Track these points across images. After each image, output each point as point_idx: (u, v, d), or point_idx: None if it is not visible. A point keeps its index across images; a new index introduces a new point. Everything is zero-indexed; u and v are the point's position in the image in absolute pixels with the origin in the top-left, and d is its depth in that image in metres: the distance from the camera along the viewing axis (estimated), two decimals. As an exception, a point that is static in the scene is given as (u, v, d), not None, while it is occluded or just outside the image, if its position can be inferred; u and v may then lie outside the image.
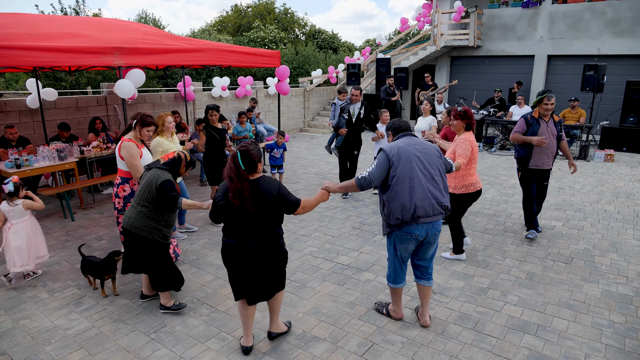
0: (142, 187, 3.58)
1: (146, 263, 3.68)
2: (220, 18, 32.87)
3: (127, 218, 3.62)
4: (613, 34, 12.50)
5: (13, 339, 3.44)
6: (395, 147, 3.32)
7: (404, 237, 3.32)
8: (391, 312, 3.72)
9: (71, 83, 16.42)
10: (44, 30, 5.81)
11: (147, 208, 3.56)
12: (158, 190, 3.49)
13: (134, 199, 3.68)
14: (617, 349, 3.31)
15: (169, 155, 3.73)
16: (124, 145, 4.22)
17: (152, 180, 3.52)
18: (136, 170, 4.20)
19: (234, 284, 3.14)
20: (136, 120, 4.29)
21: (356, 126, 7.11)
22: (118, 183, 4.36)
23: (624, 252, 5.03)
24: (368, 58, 16.53)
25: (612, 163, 9.72)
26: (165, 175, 3.56)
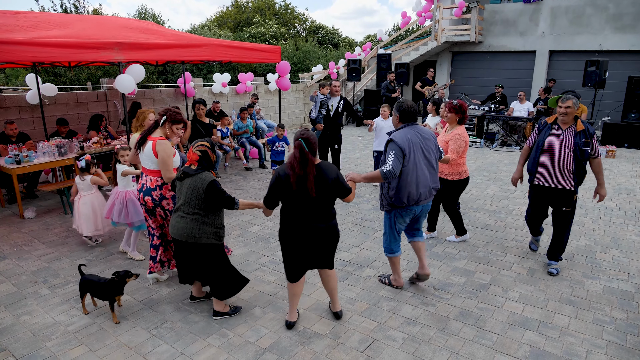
0: (188, 195, 3.36)
1: (207, 271, 3.50)
2: (220, 13, 32.77)
3: (178, 229, 3.41)
4: (615, 30, 12.44)
5: (14, 334, 3.43)
6: (407, 140, 3.60)
7: (404, 214, 3.83)
8: (393, 282, 4.16)
9: (71, 79, 16.39)
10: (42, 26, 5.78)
11: (200, 214, 3.37)
12: (208, 193, 3.31)
13: (178, 209, 3.45)
14: (619, 346, 3.30)
15: (193, 157, 3.41)
16: (160, 143, 3.83)
17: (197, 185, 3.33)
18: (168, 169, 3.84)
19: (294, 265, 3.36)
20: (166, 117, 3.93)
21: (334, 120, 7.07)
22: (160, 184, 3.95)
23: (626, 249, 5.02)
24: (369, 54, 16.47)
25: (613, 159, 9.69)
26: (208, 176, 3.38)
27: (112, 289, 3.58)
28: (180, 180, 3.45)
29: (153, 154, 3.87)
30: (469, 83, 14.92)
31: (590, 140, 4.05)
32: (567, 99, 4.05)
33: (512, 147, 10.88)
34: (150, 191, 3.95)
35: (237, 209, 3.46)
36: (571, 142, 4.04)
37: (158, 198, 3.95)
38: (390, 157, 3.53)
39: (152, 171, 3.97)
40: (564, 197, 4.19)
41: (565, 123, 4.12)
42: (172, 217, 3.51)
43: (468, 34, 14.22)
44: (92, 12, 19.93)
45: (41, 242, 5.23)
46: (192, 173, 3.38)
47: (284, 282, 4.24)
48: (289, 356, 3.18)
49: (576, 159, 4.04)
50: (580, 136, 4.04)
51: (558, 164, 4.11)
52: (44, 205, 6.69)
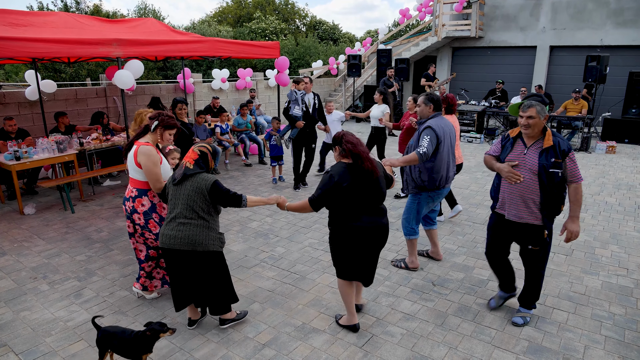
0: (190, 199, 3.11)
1: (209, 284, 3.25)
2: (220, 9, 32.66)
3: (178, 238, 3.10)
4: (616, 25, 12.38)
5: (13, 330, 3.45)
6: (441, 127, 4.02)
7: (435, 197, 4.23)
8: (409, 264, 4.42)
9: (71, 75, 16.37)
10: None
11: (204, 219, 3.14)
12: (213, 193, 3.11)
13: (177, 215, 3.14)
14: (617, 341, 3.31)
15: (192, 156, 3.20)
16: (142, 151, 3.48)
17: (200, 187, 3.10)
18: (156, 179, 3.49)
19: (357, 266, 3.23)
20: (158, 122, 3.56)
21: (312, 118, 6.91)
22: (133, 196, 3.60)
23: (625, 244, 5.02)
24: (369, 49, 16.43)
25: (613, 155, 9.68)
26: (209, 176, 3.17)
27: (140, 346, 2.85)
28: (177, 184, 3.17)
29: (134, 161, 3.52)
30: (469, 78, 14.87)
31: (562, 160, 3.07)
32: (529, 106, 3.09)
33: (512, 143, 10.86)
34: (125, 200, 3.66)
35: (245, 206, 3.23)
36: (534, 163, 3.11)
37: (130, 210, 3.62)
38: (425, 140, 3.93)
39: (131, 179, 3.65)
40: (530, 233, 3.27)
41: (531, 137, 3.16)
42: (167, 228, 3.16)
43: (469, 29, 14.17)
44: (92, 8, 19.87)
45: (41, 238, 5.24)
46: (189, 174, 3.13)
47: (283, 278, 4.26)
48: (287, 351, 3.20)
49: (542, 185, 3.09)
50: (548, 155, 3.07)
51: (518, 193, 3.20)
52: (44, 201, 6.70)
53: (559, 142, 3.11)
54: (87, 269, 4.48)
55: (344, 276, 3.29)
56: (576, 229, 3.20)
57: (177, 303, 3.33)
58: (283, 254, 4.83)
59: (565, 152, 3.08)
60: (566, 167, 3.09)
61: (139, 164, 3.50)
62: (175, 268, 3.22)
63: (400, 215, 5.89)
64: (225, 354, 3.17)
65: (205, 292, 3.28)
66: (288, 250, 4.91)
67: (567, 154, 3.08)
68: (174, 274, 3.25)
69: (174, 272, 3.25)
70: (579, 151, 9.97)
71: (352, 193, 3.06)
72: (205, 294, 3.29)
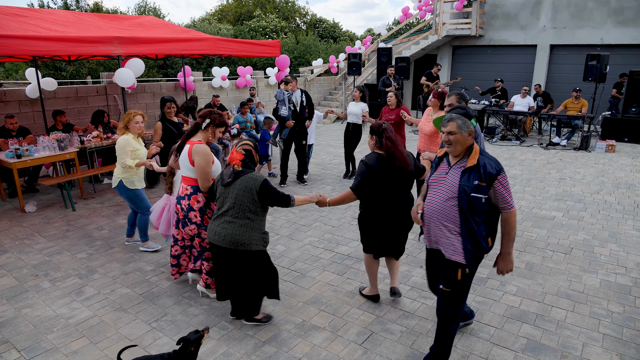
0: (238, 198, 3.15)
1: (250, 282, 3.30)
2: (220, 7, 32.62)
3: (224, 236, 3.16)
4: (617, 24, 12.38)
5: (15, 327, 3.47)
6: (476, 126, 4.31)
7: None
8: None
9: (72, 73, 16.37)
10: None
11: (249, 219, 3.17)
12: (262, 192, 3.16)
13: (224, 213, 3.20)
14: (615, 339, 3.33)
15: (237, 157, 3.23)
16: (196, 149, 3.53)
17: (249, 186, 3.14)
18: (206, 178, 3.55)
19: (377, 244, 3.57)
20: (210, 120, 3.64)
21: (301, 115, 7.06)
22: (189, 193, 3.65)
23: (624, 243, 5.04)
24: (369, 47, 16.42)
25: (613, 154, 9.70)
26: (258, 175, 3.21)
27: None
28: (227, 185, 3.21)
29: (188, 160, 3.57)
30: (469, 77, 14.86)
31: (487, 184, 2.59)
32: (449, 120, 2.67)
33: (512, 142, 10.88)
34: (181, 199, 3.72)
35: (292, 206, 3.30)
36: (454, 184, 2.65)
37: (186, 208, 3.68)
38: None
39: (185, 178, 3.70)
40: (445, 269, 2.78)
41: (455, 156, 2.73)
42: (214, 224, 3.24)
43: (469, 27, 14.16)
44: (92, 5, 19.85)
45: (42, 236, 5.26)
46: (240, 174, 3.18)
47: (284, 276, 4.28)
48: (287, 348, 3.22)
49: (462, 211, 2.62)
50: (471, 176, 2.60)
51: (437, 219, 2.73)
52: (45, 199, 6.71)
53: (486, 163, 2.61)
54: (88, 266, 4.50)
55: (369, 251, 3.64)
56: (507, 267, 2.80)
57: (220, 293, 3.48)
58: (283, 251, 4.85)
59: (492, 175, 2.58)
60: (495, 192, 2.61)
61: (192, 162, 3.55)
62: (219, 262, 3.34)
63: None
64: (225, 351, 3.19)
65: (244, 288, 3.34)
66: (288, 248, 4.93)
67: (494, 177, 2.58)
68: (218, 268, 3.38)
69: (218, 265, 3.37)
70: (579, 150, 9.99)
71: (383, 182, 3.34)
72: (244, 290, 3.35)
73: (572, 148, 10.16)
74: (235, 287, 3.37)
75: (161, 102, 5.48)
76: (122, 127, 4.54)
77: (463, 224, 2.64)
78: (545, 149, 10.20)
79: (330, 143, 11.02)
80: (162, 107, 5.46)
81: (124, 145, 4.46)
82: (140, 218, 4.77)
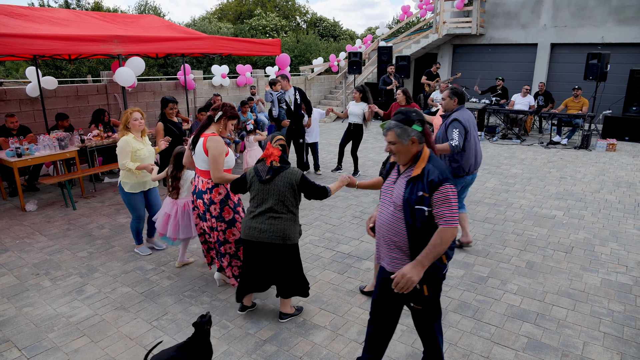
0: (281, 194, 3.19)
1: (288, 272, 3.36)
2: (220, 6, 32.59)
3: (268, 232, 3.19)
4: (618, 22, 12.36)
5: (16, 326, 3.47)
6: (467, 119, 4.33)
7: (458, 182, 4.54)
8: (462, 240, 4.81)
9: (72, 72, 16.37)
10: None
11: (293, 213, 3.26)
12: (301, 186, 3.23)
13: (267, 209, 3.20)
14: (616, 338, 3.33)
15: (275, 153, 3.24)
16: (211, 139, 3.56)
17: (291, 181, 3.19)
18: (218, 168, 3.55)
19: None
20: (222, 113, 3.65)
21: (296, 114, 7.07)
22: (210, 187, 3.66)
23: (624, 242, 5.04)
24: (370, 46, 16.40)
25: (614, 152, 9.69)
26: (296, 170, 3.27)
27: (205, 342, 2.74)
28: (266, 182, 3.21)
29: (203, 152, 3.58)
30: (470, 76, 14.83)
31: (429, 194, 2.31)
32: (388, 129, 2.45)
33: (512, 141, 10.87)
34: (202, 194, 3.70)
35: (329, 196, 3.36)
36: (400, 195, 2.41)
37: (208, 202, 3.67)
38: (455, 133, 4.25)
39: (203, 172, 3.69)
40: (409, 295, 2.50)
41: (403, 164, 2.50)
42: (255, 221, 3.24)
43: (469, 26, 14.15)
44: (93, 4, 19.84)
45: (42, 235, 5.26)
46: (279, 170, 3.21)
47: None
48: (288, 347, 3.22)
49: (407, 225, 2.38)
50: (415, 186, 2.36)
51: (384, 233, 2.50)
52: (45, 198, 6.72)
53: (429, 170, 2.34)
54: (89, 265, 4.50)
55: None
56: (411, 276, 2.28)
57: (241, 293, 3.50)
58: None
59: (433, 183, 2.30)
60: (433, 202, 2.31)
61: (207, 150, 3.55)
62: (256, 259, 3.34)
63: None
64: (226, 350, 3.19)
65: (284, 281, 3.40)
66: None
67: (436, 186, 2.29)
68: (252, 265, 3.37)
69: (253, 262, 3.36)
70: (580, 149, 9.98)
71: None
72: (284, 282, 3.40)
73: (572, 147, 10.16)
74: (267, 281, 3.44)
75: (163, 102, 5.35)
76: (122, 129, 4.42)
77: (408, 238, 2.38)
78: (546, 147, 10.19)
79: (331, 142, 11.02)
80: (164, 107, 5.36)
81: (124, 146, 4.33)
82: (132, 223, 4.68)
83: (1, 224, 5.61)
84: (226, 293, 3.97)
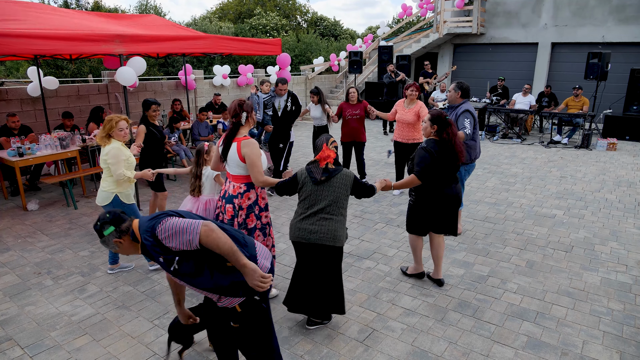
0: (336, 195, 3.21)
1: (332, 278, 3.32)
2: (221, 5, 32.59)
3: (322, 233, 3.16)
4: (618, 21, 12.35)
5: (19, 324, 3.49)
6: (473, 110, 4.73)
7: (468, 169, 4.99)
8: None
9: (73, 72, 16.39)
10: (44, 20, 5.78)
11: (343, 215, 3.26)
12: (355, 187, 3.31)
13: (319, 210, 3.20)
14: (615, 336, 3.34)
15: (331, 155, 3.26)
16: (246, 143, 3.40)
17: (345, 182, 3.25)
18: (260, 171, 3.41)
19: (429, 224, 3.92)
20: (246, 113, 3.50)
21: (283, 120, 6.64)
22: (242, 192, 3.51)
23: (624, 241, 5.05)
24: (370, 46, 16.41)
25: (614, 152, 9.69)
26: (347, 171, 3.32)
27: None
28: (319, 183, 3.22)
29: (238, 157, 3.43)
30: (470, 75, 14.85)
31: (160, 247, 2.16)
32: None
33: (513, 140, 10.88)
34: (232, 198, 3.53)
35: (375, 194, 3.49)
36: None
37: (238, 207, 3.53)
38: (466, 122, 4.63)
39: (236, 177, 3.54)
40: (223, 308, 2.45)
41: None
42: (306, 222, 3.21)
43: (470, 25, 14.15)
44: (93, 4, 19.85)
45: (44, 234, 5.28)
46: (334, 172, 3.23)
47: (285, 274, 4.29)
48: (289, 346, 3.23)
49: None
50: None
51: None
52: (47, 197, 6.74)
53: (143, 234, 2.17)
54: (91, 264, 4.52)
55: (416, 232, 3.98)
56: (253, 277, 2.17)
57: (293, 303, 3.39)
58: (285, 249, 4.86)
59: (153, 234, 2.12)
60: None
61: (243, 157, 3.41)
62: (305, 262, 3.31)
63: (402, 210, 5.93)
64: (227, 348, 3.20)
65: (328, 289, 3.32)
66: (290, 246, 4.94)
67: (154, 236, 2.12)
68: (301, 269, 3.34)
69: (302, 266, 3.33)
70: (580, 148, 9.98)
71: (442, 166, 3.71)
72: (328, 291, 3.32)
73: (573, 146, 10.16)
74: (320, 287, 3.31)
75: (146, 104, 5.02)
76: (104, 136, 3.94)
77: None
78: (547, 147, 10.19)
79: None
80: (147, 110, 5.04)
81: (118, 154, 3.92)
82: None
83: (3, 223, 5.63)
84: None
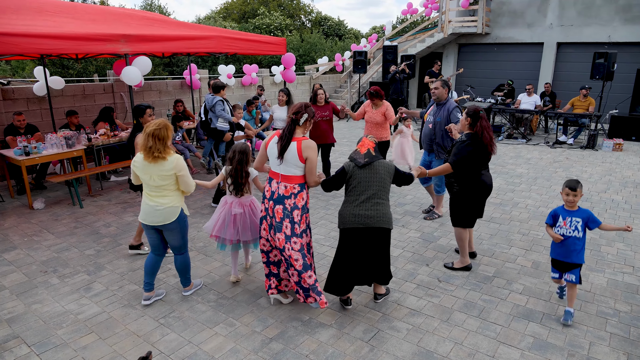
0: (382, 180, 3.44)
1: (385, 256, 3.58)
2: (225, 5, 32.63)
3: (377, 218, 3.38)
4: (624, 21, 12.27)
5: (25, 323, 3.51)
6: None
7: None
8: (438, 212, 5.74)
9: (79, 71, 16.46)
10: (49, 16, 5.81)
11: (388, 199, 3.54)
12: (397, 174, 3.59)
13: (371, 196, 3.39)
14: (622, 338, 3.32)
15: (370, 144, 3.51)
16: (308, 145, 3.34)
17: (389, 169, 3.51)
18: (314, 173, 3.45)
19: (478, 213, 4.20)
20: (308, 115, 3.42)
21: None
22: (296, 192, 3.41)
23: (631, 242, 5.01)
24: (374, 45, 16.39)
25: (620, 152, 9.63)
26: (387, 161, 3.61)
27: None
28: (364, 167, 3.44)
29: (298, 157, 3.33)
30: (475, 75, 14.81)
31: None
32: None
33: (518, 140, 10.83)
34: (284, 199, 3.40)
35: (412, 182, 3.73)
36: None
37: (290, 208, 3.40)
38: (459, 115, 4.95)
39: (290, 177, 3.41)
40: None
41: None
42: (358, 208, 3.39)
43: (475, 25, 14.10)
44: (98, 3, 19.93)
45: (50, 233, 5.31)
46: (374, 158, 3.47)
47: (290, 273, 4.29)
48: (294, 345, 3.24)
49: None
50: None
51: None
52: (53, 196, 6.77)
53: None
54: (97, 263, 4.54)
55: (465, 225, 4.19)
56: None
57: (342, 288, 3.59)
58: (289, 249, 4.86)
59: None
60: None
61: (304, 158, 3.35)
62: (358, 248, 3.48)
63: (406, 211, 5.92)
64: (233, 347, 3.21)
65: (380, 266, 3.58)
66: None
67: None
68: (353, 255, 3.50)
69: (355, 252, 3.49)
70: (586, 148, 9.93)
71: (478, 156, 3.95)
72: (380, 267, 3.58)
73: (578, 146, 10.11)
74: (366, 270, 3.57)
75: (138, 110, 4.56)
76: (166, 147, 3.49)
77: None
78: (552, 147, 10.15)
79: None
80: (141, 116, 4.58)
81: (184, 164, 3.57)
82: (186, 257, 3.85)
83: (9, 221, 5.67)
84: (232, 291, 3.99)
